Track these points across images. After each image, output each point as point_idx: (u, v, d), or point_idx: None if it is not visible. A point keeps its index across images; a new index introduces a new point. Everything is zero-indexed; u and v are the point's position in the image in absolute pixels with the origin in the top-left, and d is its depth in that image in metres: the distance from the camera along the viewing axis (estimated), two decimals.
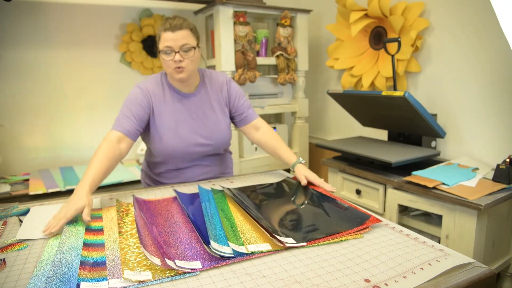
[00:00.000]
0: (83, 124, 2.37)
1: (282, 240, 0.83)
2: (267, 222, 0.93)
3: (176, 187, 1.29)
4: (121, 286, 0.68)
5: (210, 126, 1.35)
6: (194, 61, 1.24)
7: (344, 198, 1.54)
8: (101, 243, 0.86)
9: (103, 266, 0.76)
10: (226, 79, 1.41)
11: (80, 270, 0.74)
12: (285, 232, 0.89)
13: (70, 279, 0.70)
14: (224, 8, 2.11)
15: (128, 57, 2.41)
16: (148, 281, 0.70)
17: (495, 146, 1.69)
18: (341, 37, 2.27)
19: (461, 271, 0.73)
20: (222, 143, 1.39)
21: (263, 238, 0.87)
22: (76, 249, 0.82)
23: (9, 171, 2.18)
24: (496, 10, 1.35)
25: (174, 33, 1.18)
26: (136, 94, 1.29)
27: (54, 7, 2.19)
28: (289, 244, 0.83)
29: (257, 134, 1.43)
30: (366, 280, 0.70)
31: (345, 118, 2.47)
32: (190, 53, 1.22)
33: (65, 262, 0.76)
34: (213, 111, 1.36)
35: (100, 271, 0.74)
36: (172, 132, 1.30)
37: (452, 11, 1.79)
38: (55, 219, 0.92)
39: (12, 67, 2.13)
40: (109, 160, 1.12)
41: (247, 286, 0.69)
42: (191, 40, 1.22)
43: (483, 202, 1.27)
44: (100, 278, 0.71)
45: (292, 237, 0.86)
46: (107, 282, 0.69)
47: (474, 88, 1.75)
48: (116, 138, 1.19)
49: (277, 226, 0.93)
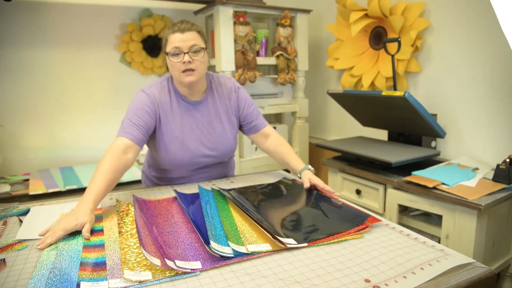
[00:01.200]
0: (83, 124, 2.37)
1: (283, 241, 0.83)
2: (268, 224, 0.93)
3: (176, 187, 1.29)
4: (121, 286, 0.68)
5: (215, 137, 1.30)
6: (203, 63, 1.20)
7: (344, 198, 1.54)
8: (101, 244, 0.86)
9: (103, 266, 0.76)
10: (234, 86, 1.36)
11: (80, 270, 0.74)
12: (286, 233, 0.89)
13: (70, 279, 0.70)
14: (224, 8, 2.11)
15: (128, 57, 2.41)
16: (148, 281, 0.70)
17: (495, 146, 1.69)
18: (341, 37, 2.27)
19: (461, 271, 0.73)
20: (227, 153, 1.37)
21: (263, 238, 0.87)
22: (76, 249, 0.82)
23: (9, 171, 2.18)
24: (496, 10, 1.35)
25: (183, 34, 1.14)
26: (143, 100, 1.21)
27: (54, 7, 2.19)
28: (290, 245, 0.83)
29: (267, 142, 1.40)
30: (366, 280, 0.70)
31: (345, 118, 2.47)
32: (199, 54, 1.17)
33: (65, 263, 0.76)
34: (220, 121, 1.32)
35: (100, 271, 0.74)
36: (178, 143, 1.25)
37: (452, 11, 1.79)
38: (52, 231, 0.88)
39: (12, 67, 2.13)
40: (113, 173, 1.07)
41: (247, 286, 0.69)
42: (200, 42, 1.18)
43: (483, 202, 1.27)
44: (100, 278, 0.71)
45: (293, 237, 0.86)
46: (107, 282, 0.69)
47: (474, 88, 1.74)
48: (124, 146, 1.13)
49: (278, 227, 0.93)
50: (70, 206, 1.12)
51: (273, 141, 1.39)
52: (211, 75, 1.35)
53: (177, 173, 1.34)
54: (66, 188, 1.84)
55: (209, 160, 1.32)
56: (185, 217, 1.00)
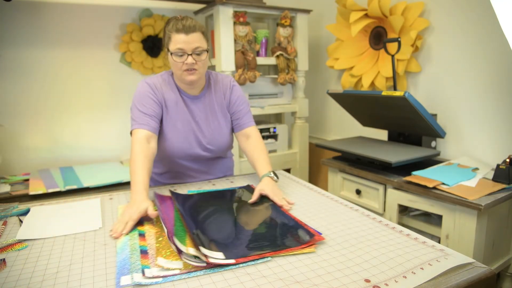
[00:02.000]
0: (83, 124, 2.37)
1: (207, 254, 0.76)
2: (200, 234, 0.87)
3: (176, 187, 1.29)
4: (154, 274, 0.72)
5: (212, 131, 1.33)
6: (205, 64, 1.23)
7: (344, 198, 1.54)
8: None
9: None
10: (230, 84, 1.38)
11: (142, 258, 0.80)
12: (220, 246, 0.82)
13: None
14: (224, 8, 2.12)
15: (128, 57, 2.41)
16: (177, 270, 0.73)
17: (495, 146, 1.69)
18: (341, 37, 2.27)
19: (461, 271, 0.73)
20: (224, 147, 1.38)
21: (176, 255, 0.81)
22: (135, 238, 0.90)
23: (9, 171, 2.18)
24: (496, 10, 1.35)
25: (187, 36, 1.15)
26: (146, 88, 1.25)
27: (54, 7, 2.19)
28: (215, 260, 0.75)
29: (246, 143, 1.38)
30: (366, 280, 0.70)
31: (345, 118, 2.47)
32: (202, 56, 1.19)
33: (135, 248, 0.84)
34: (215, 116, 1.34)
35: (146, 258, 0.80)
36: (176, 132, 1.28)
37: (452, 11, 1.79)
38: (121, 223, 0.94)
39: (12, 67, 2.13)
40: (149, 162, 1.14)
41: (247, 286, 0.69)
42: (204, 43, 1.19)
43: (483, 202, 1.27)
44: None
45: (224, 251, 0.79)
46: (150, 270, 0.74)
47: (474, 88, 1.75)
48: (145, 137, 1.17)
49: (211, 239, 0.86)
50: (70, 206, 1.12)
51: (251, 143, 1.36)
52: (210, 72, 1.38)
53: (174, 165, 1.35)
54: (66, 188, 1.84)
55: (206, 154, 1.34)
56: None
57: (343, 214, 1.03)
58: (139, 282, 0.70)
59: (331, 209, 1.07)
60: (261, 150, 1.34)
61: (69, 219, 1.01)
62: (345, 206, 1.10)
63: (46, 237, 0.91)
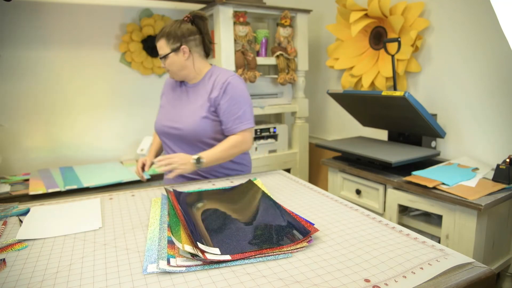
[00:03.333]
0: (83, 124, 2.37)
1: (204, 249, 0.77)
2: (199, 229, 0.88)
3: (176, 187, 1.29)
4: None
5: (184, 112, 1.42)
6: (172, 64, 1.40)
7: (344, 198, 1.54)
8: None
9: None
10: (226, 81, 1.36)
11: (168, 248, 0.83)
12: (218, 242, 0.82)
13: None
14: (224, 8, 2.12)
15: (128, 57, 2.42)
16: (200, 260, 0.76)
17: (495, 146, 1.69)
18: (341, 37, 2.27)
19: (461, 271, 0.73)
20: (189, 131, 1.37)
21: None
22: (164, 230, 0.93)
23: (9, 171, 2.18)
24: (496, 10, 1.35)
25: (157, 44, 1.41)
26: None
27: (54, 7, 2.19)
28: (211, 255, 0.76)
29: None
30: (366, 280, 0.70)
31: (345, 118, 2.47)
32: (166, 60, 1.40)
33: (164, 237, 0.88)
34: (195, 102, 1.42)
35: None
36: (163, 110, 1.50)
37: (452, 11, 1.79)
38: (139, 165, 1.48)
39: (12, 67, 2.13)
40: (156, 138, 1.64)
41: (247, 286, 0.69)
42: (165, 49, 1.38)
43: (483, 202, 1.27)
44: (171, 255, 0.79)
45: (220, 247, 0.80)
46: (175, 259, 0.77)
47: (474, 88, 1.75)
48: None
49: (209, 235, 0.86)
50: (70, 206, 1.12)
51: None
52: (214, 69, 1.47)
53: (164, 145, 1.51)
54: (66, 188, 1.85)
55: (173, 131, 1.42)
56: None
57: (343, 214, 1.03)
58: (164, 269, 0.73)
59: (331, 209, 1.07)
60: (224, 142, 1.38)
61: (69, 219, 1.02)
62: (345, 206, 1.10)
63: (46, 237, 0.91)
